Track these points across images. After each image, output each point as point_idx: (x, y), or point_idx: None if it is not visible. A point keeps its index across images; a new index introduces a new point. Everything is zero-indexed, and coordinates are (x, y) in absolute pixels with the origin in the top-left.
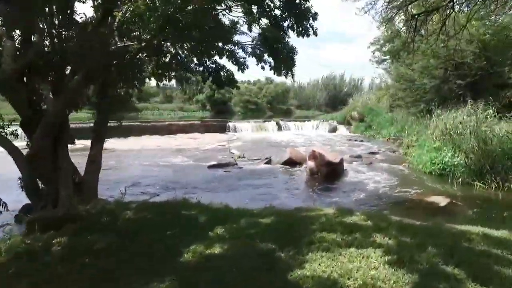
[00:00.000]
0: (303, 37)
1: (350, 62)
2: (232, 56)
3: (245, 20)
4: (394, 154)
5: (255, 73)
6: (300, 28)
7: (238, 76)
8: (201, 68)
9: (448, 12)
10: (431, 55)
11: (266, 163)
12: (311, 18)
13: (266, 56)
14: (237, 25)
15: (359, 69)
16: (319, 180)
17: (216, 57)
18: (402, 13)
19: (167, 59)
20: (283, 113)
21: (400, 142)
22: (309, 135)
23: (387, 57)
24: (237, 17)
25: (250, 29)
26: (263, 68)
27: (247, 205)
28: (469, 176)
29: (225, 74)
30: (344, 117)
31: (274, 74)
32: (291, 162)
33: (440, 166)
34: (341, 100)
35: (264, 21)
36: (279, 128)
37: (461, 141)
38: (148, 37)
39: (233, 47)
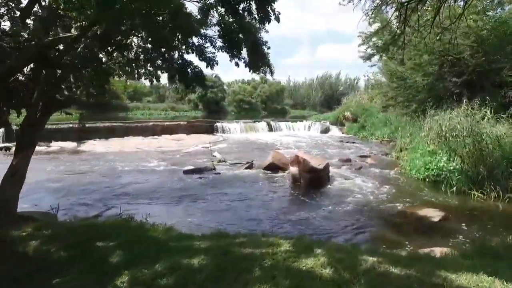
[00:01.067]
0: (263, 24)
1: (347, 61)
2: (199, 51)
3: (199, 5)
4: (386, 158)
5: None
6: (260, 13)
7: (235, 74)
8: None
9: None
10: (424, 50)
11: (247, 168)
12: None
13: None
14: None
15: (357, 68)
16: (302, 188)
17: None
18: (391, 1)
19: (132, 55)
20: (278, 113)
21: (394, 144)
22: (301, 136)
23: (374, 52)
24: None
25: (205, 17)
26: (237, 64)
27: (207, 222)
28: (466, 183)
29: (192, 71)
30: (337, 118)
31: (250, 71)
32: (274, 167)
33: (434, 172)
34: (337, 99)
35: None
36: (270, 128)
37: (456, 144)
38: (85, 24)
39: (201, 40)
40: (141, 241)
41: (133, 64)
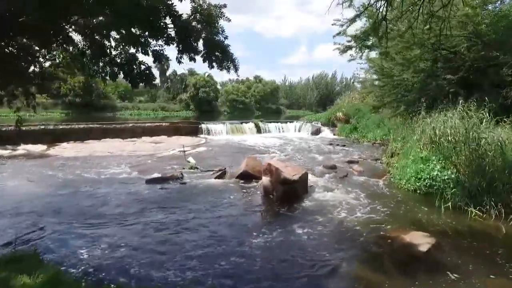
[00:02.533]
0: None
1: (344, 61)
2: (143, 44)
3: None
4: (375, 164)
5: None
6: None
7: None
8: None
9: None
10: (412, 42)
11: (218, 176)
12: None
13: (199, 44)
14: None
15: (354, 68)
16: (273, 203)
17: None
18: None
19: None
20: (272, 113)
21: (387, 147)
22: (289, 138)
23: (352, 43)
24: None
25: None
26: (193, 59)
27: (140, 255)
28: (462, 198)
29: (138, 68)
30: (329, 118)
31: (209, 67)
32: (247, 176)
33: (426, 182)
34: (332, 99)
35: None
36: (258, 130)
37: (451, 151)
38: None
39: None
40: None
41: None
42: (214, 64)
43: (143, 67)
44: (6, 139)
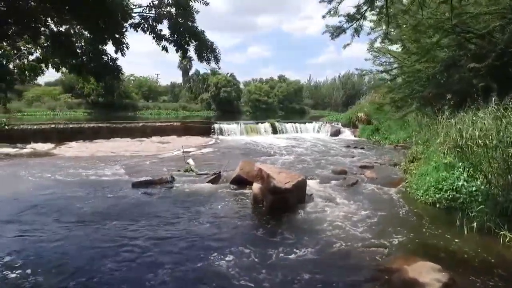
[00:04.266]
0: None
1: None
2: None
3: None
4: (392, 170)
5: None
6: None
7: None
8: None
9: None
10: (427, 25)
11: (211, 180)
12: None
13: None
14: None
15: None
16: (262, 214)
17: None
18: None
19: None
20: (296, 113)
21: (408, 151)
22: (305, 140)
23: (344, 24)
24: None
25: None
26: (165, 49)
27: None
28: (493, 216)
29: (102, 60)
30: (350, 119)
31: (181, 57)
32: (241, 181)
33: (448, 195)
34: (358, 99)
35: None
36: (274, 130)
37: (481, 157)
38: None
39: None
40: None
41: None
42: (185, 52)
43: (106, 58)
44: (18, 138)
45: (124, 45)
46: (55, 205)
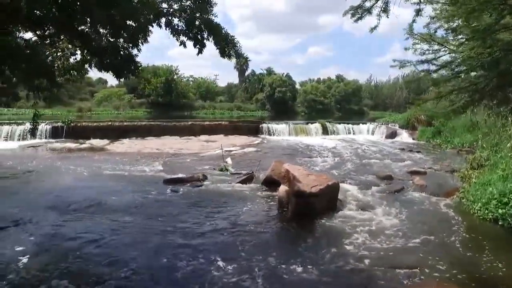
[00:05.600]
0: None
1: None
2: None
3: None
4: (449, 177)
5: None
6: None
7: (319, 73)
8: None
9: None
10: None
11: (243, 180)
12: None
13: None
14: None
15: None
16: (285, 218)
17: None
18: None
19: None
20: (354, 114)
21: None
22: (357, 141)
23: (368, 3)
24: None
25: None
26: (183, 44)
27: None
28: None
29: (116, 55)
30: (408, 120)
31: (198, 53)
32: (272, 182)
33: None
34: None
35: None
36: (325, 131)
37: None
38: None
39: None
40: None
41: None
42: (202, 46)
43: (125, 53)
44: (80, 134)
45: (140, 42)
46: (92, 196)
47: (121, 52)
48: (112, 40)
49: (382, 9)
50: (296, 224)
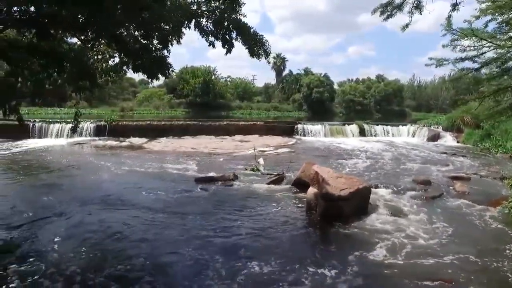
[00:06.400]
0: None
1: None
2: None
3: None
4: (497, 184)
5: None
6: None
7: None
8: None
9: None
10: None
11: (274, 181)
12: None
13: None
14: None
15: None
16: (314, 222)
17: None
18: None
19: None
20: (395, 115)
21: None
22: (396, 144)
23: None
24: None
25: None
26: (212, 44)
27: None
28: None
29: (150, 56)
30: (452, 122)
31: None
32: (302, 184)
33: None
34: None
35: None
36: (362, 132)
37: None
38: None
39: None
40: None
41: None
42: (231, 47)
43: (157, 54)
44: (121, 132)
45: (169, 43)
46: (127, 192)
47: (153, 54)
48: (144, 42)
49: (414, 5)
50: (324, 228)
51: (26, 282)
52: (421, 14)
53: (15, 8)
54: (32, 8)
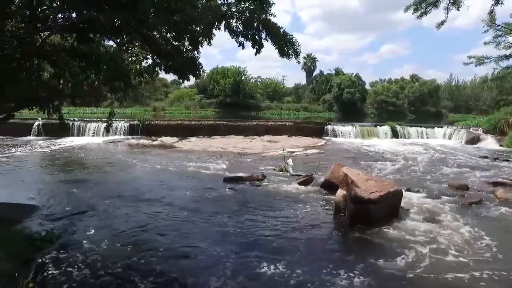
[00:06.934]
0: None
1: None
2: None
3: None
4: None
5: (406, 70)
6: None
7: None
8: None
9: None
10: None
11: (302, 182)
12: None
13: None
14: None
15: None
16: (342, 225)
17: None
18: None
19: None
20: (430, 117)
21: None
22: (431, 146)
23: None
24: None
25: None
26: (241, 45)
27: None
28: None
29: (181, 58)
30: (495, 124)
31: (256, 53)
32: (331, 185)
33: None
34: None
35: None
36: (394, 134)
37: None
38: None
39: None
40: None
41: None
42: (260, 47)
43: (188, 56)
44: (153, 132)
45: (200, 44)
46: (158, 189)
47: (184, 55)
48: (176, 44)
49: (451, 1)
50: (352, 231)
51: (63, 269)
52: (458, 10)
53: (59, 15)
54: (73, 15)
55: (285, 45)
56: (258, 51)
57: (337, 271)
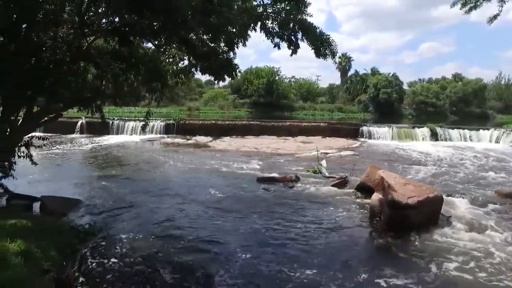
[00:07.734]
0: None
1: None
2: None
3: None
4: None
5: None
6: None
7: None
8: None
9: None
10: None
11: (336, 184)
12: None
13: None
14: None
15: None
16: (377, 230)
17: None
18: None
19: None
20: (474, 118)
21: None
22: (476, 150)
23: None
24: None
25: None
26: (277, 46)
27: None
28: None
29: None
30: None
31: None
32: (366, 189)
33: None
34: None
35: None
36: (434, 137)
37: None
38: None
39: None
40: None
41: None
42: (296, 48)
43: (224, 57)
44: (188, 131)
45: (235, 45)
46: (192, 187)
47: (220, 56)
48: (212, 45)
49: None
50: (388, 237)
51: (103, 260)
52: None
53: (104, 20)
54: (116, 19)
55: (322, 45)
56: (294, 52)
57: (372, 279)
